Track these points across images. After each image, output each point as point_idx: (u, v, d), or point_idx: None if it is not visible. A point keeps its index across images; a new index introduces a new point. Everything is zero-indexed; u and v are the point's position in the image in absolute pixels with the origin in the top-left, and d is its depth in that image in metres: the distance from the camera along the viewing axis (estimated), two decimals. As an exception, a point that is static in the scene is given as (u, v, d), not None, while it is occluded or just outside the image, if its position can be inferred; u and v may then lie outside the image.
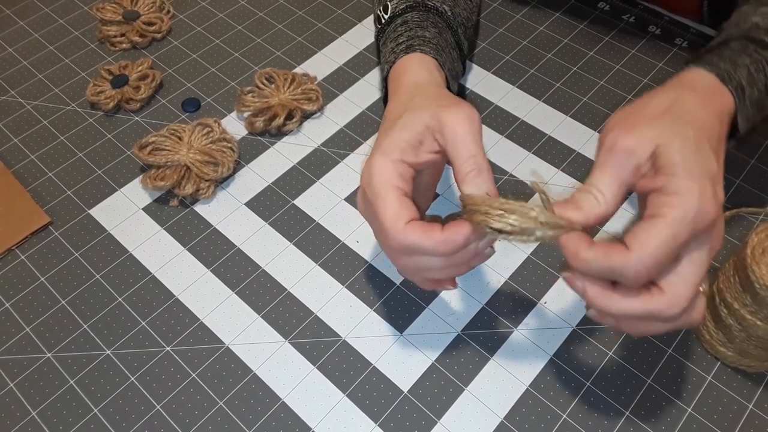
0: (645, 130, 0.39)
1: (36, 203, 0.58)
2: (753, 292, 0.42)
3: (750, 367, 0.48)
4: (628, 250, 0.37)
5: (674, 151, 0.38)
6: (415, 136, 0.42)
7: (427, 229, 0.40)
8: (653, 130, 0.39)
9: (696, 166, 0.37)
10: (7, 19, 0.74)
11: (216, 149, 0.59)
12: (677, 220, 0.36)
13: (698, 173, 0.37)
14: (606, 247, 0.37)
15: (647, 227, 0.37)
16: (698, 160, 0.38)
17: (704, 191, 0.37)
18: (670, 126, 0.39)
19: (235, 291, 0.53)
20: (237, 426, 0.46)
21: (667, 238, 0.36)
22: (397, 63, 0.52)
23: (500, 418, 0.46)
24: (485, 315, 0.51)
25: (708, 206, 0.37)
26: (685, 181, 0.37)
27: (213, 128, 0.61)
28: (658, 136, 0.38)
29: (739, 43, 0.48)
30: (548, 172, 0.59)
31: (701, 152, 0.38)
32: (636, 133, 0.39)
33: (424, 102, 0.44)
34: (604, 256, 0.37)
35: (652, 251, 0.36)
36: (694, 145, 0.38)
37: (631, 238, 0.37)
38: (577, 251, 0.38)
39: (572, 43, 0.69)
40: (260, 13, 0.74)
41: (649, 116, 0.40)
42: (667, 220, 0.36)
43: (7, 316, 0.52)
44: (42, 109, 0.65)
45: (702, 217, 0.36)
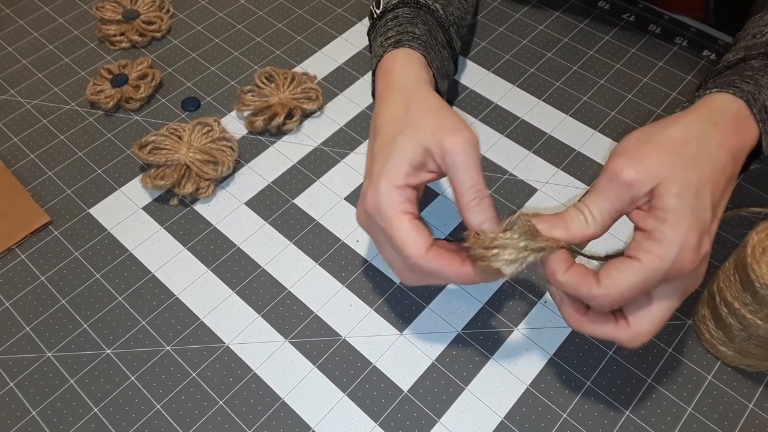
0: (651, 165, 0.39)
1: (36, 202, 0.58)
2: (753, 291, 0.42)
3: (750, 366, 0.48)
4: (598, 285, 0.39)
5: (672, 195, 0.38)
6: (417, 159, 0.43)
7: (448, 259, 0.41)
8: (660, 166, 0.39)
9: (688, 216, 0.38)
10: (6, 18, 0.74)
11: (216, 148, 0.59)
12: (651, 269, 0.38)
13: (687, 225, 0.38)
14: (580, 276, 0.40)
15: (622, 268, 0.38)
16: (693, 210, 0.38)
17: (687, 244, 0.38)
18: (678, 166, 0.39)
19: (235, 290, 0.53)
20: (237, 425, 0.46)
21: (637, 282, 0.38)
22: (384, 57, 0.51)
23: (500, 417, 0.46)
24: (485, 315, 0.51)
25: (686, 260, 0.38)
26: (671, 231, 0.38)
27: (213, 127, 0.61)
28: (662, 174, 0.39)
29: (760, 62, 0.47)
30: (548, 172, 0.59)
31: (699, 201, 0.38)
32: (641, 167, 0.39)
33: (423, 119, 0.44)
34: (575, 285, 0.40)
35: (619, 292, 0.38)
36: (693, 194, 0.38)
37: (603, 274, 0.39)
38: (554, 272, 0.40)
39: (572, 43, 0.69)
40: (260, 12, 0.74)
41: (661, 148, 0.40)
42: (642, 266, 0.38)
43: (7, 316, 0.52)
44: (42, 109, 0.65)
45: (677, 269, 0.38)
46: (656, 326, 0.41)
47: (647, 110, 0.63)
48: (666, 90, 0.65)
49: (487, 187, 0.42)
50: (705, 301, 0.48)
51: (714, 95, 0.44)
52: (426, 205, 0.57)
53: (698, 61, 0.67)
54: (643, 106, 0.64)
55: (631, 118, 0.63)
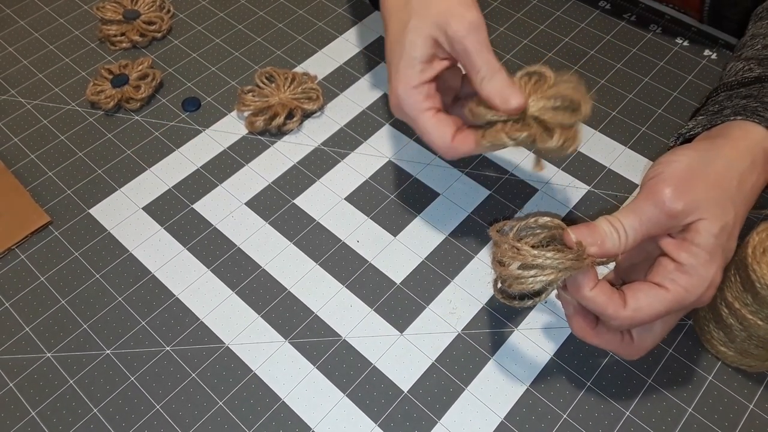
0: (697, 200, 0.39)
1: (36, 203, 0.58)
2: (754, 291, 0.42)
3: (751, 366, 0.47)
4: (624, 307, 0.39)
5: (711, 236, 0.39)
6: (427, 53, 0.44)
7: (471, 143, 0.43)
8: (705, 202, 0.39)
9: (720, 257, 0.39)
10: (7, 19, 0.74)
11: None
12: (677, 299, 0.39)
13: (717, 266, 0.39)
14: (607, 295, 0.39)
15: (650, 294, 0.39)
16: (724, 250, 0.39)
17: (713, 282, 0.39)
18: (720, 205, 0.39)
19: (235, 290, 0.53)
20: (237, 426, 0.46)
21: (660, 310, 0.39)
22: None
23: (500, 418, 0.46)
24: (485, 315, 0.51)
25: (709, 295, 0.39)
26: (704, 270, 0.39)
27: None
28: (706, 211, 0.39)
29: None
30: (549, 172, 0.59)
31: (729, 242, 0.40)
32: (689, 200, 0.39)
33: (425, 7, 0.44)
34: (602, 304, 0.39)
35: (644, 317, 0.39)
36: (728, 234, 0.39)
37: (631, 296, 0.39)
38: (582, 286, 0.40)
39: (573, 42, 0.69)
40: (260, 12, 0.74)
41: (707, 182, 0.40)
42: (669, 296, 0.39)
43: (7, 316, 0.52)
44: (42, 109, 0.65)
45: (697, 302, 0.39)
46: (657, 342, 0.43)
47: (648, 110, 0.63)
48: (667, 90, 0.65)
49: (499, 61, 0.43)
50: (705, 302, 0.48)
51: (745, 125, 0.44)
52: (426, 205, 0.57)
53: (699, 61, 0.67)
54: (643, 106, 0.64)
55: (631, 118, 0.63)
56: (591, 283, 0.39)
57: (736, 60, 0.52)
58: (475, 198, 0.57)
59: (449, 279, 0.53)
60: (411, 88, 0.44)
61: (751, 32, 0.53)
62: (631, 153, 0.60)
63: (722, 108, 0.46)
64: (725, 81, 0.49)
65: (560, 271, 0.38)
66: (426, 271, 0.53)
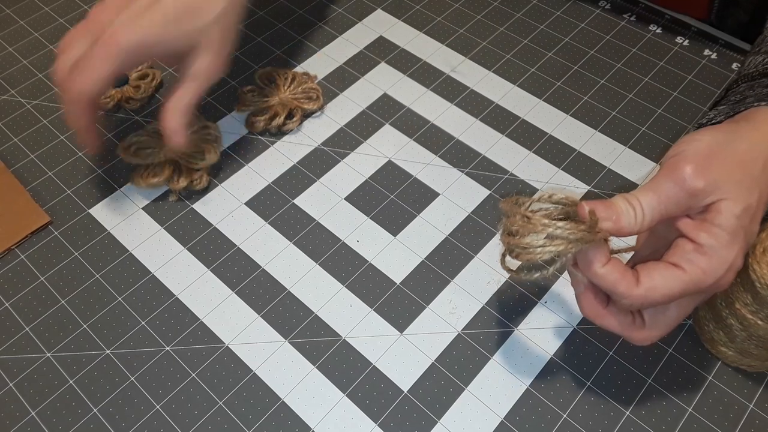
0: (720, 179, 0.38)
1: (36, 202, 0.58)
2: (754, 291, 0.42)
3: (751, 366, 0.47)
4: (637, 285, 0.38)
5: (733, 216, 0.37)
6: None
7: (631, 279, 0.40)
8: (727, 182, 0.38)
9: (742, 238, 0.38)
10: (7, 18, 0.74)
11: (198, 138, 0.59)
12: (693, 281, 0.37)
13: (739, 247, 0.38)
14: (619, 272, 0.38)
15: (665, 275, 0.38)
16: (746, 233, 0.38)
17: (733, 265, 0.38)
18: (743, 186, 0.38)
19: (235, 290, 0.53)
20: (237, 426, 0.46)
21: (676, 291, 0.38)
22: None
23: (500, 418, 0.46)
24: (485, 315, 0.51)
25: (728, 279, 0.38)
26: (725, 251, 0.37)
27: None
28: (728, 191, 0.38)
29: None
30: (549, 171, 0.59)
31: (753, 224, 0.38)
32: (710, 179, 0.38)
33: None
34: (614, 281, 0.38)
35: (658, 297, 0.38)
36: (751, 216, 0.38)
37: (645, 274, 0.38)
38: (593, 262, 0.38)
39: (573, 42, 0.69)
40: (260, 12, 0.74)
41: (730, 162, 0.39)
42: (686, 276, 0.37)
43: (7, 316, 0.52)
44: (42, 109, 0.65)
45: (715, 285, 0.38)
46: (669, 329, 0.41)
47: (648, 110, 0.63)
48: (667, 90, 0.65)
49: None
50: (705, 302, 0.48)
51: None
52: (426, 205, 0.57)
53: (699, 60, 0.67)
54: (643, 105, 0.64)
55: (631, 117, 0.63)
56: (603, 259, 0.38)
57: (755, 54, 0.51)
58: (475, 198, 0.57)
59: (449, 279, 0.53)
60: None
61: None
62: (631, 153, 0.60)
63: (744, 97, 0.45)
64: (745, 72, 0.48)
65: (570, 243, 0.37)
66: (426, 271, 0.53)
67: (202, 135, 0.60)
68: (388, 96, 0.65)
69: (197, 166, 0.58)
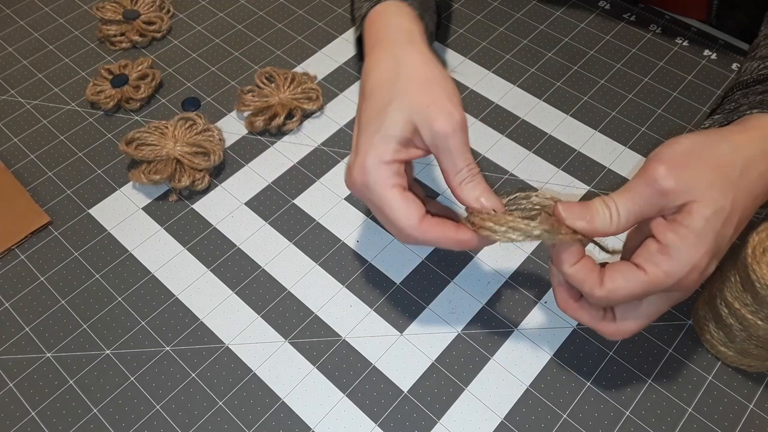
0: (691, 180, 0.38)
1: (36, 203, 0.57)
2: (754, 291, 0.42)
3: (751, 366, 0.47)
4: (601, 286, 0.39)
5: (702, 218, 0.37)
6: (405, 136, 0.42)
7: (442, 228, 0.42)
8: (699, 183, 0.38)
9: (709, 241, 0.38)
10: (7, 19, 0.74)
11: (203, 139, 0.59)
12: (654, 282, 0.38)
13: (704, 249, 0.38)
14: (586, 272, 0.40)
15: (627, 276, 0.39)
16: (716, 236, 0.38)
17: (697, 266, 0.38)
18: (716, 188, 0.38)
19: (234, 291, 0.53)
20: (237, 426, 0.46)
21: (636, 292, 0.39)
22: (374, 10, 0.50)
23: (500, 418, 0.46)
24: (485, 315, 0.51)
25: (691, 279, 0.38)
26: (687, 252, 0.38)
27: (195, 121, 0.61)
28: (699, 193, 0.38)
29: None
30: (548, 172, 0.59)
31: (724, 228, 0.38)
32: (681, 180, 0.38)
33: (413, 92, 0.43)
34: (580, 280, 0.40)
35: (619, 297, 0.39)
36: (722, 220, 0.38)
37: (608, 276, 0.39)
38: (563, 262, 0.40)
39: (573, 42, 0.69)
40: (260, 12, 0.74)
41: (705, 164, 0.39)
42: (647, 278, 0.38)
43: (7, 316, 0.52)
44: (42, 109, 0.65)
45: (679, 286, 0.39)
46: (641, 326, 0.42)
47: (648, 110, 0.63)
48: (667, 90, 0.65)
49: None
50: (705, 302, 0.48)
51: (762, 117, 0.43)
52: (426, 205, 0.57)
53: (699, 61, 0.67)
54: (643, 106, 0.64)
55: (631, 118, 0.63)
56: (573, 259, 0.40)
57: (751, 60, 0.51)
58: (475, 198, 0.57)
59: (449, 279, 0.53)
60: (382, 162, 0.41)
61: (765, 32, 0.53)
62: (631, 153, 0.60)
63: (738, 105, 0.46)
64: (741, 80, 0.49)
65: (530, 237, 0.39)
66: (426, 271, 0.53)
67: (206, 136, 0.60)
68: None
69: (200, 167, 0.58)
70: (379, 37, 0.48)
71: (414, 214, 0.41)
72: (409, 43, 0.46)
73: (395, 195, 0.41)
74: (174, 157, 0.58)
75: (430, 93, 0.42)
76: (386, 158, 0.42)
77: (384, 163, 0.42)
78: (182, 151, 0.58)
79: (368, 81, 0.45)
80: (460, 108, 0.42)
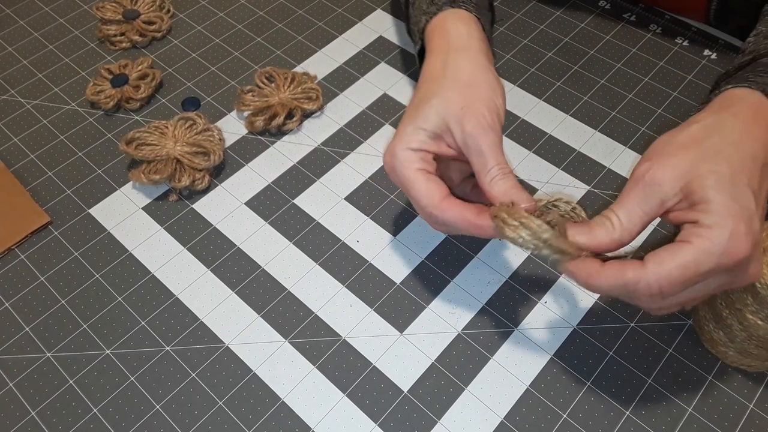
0: (677, 164, 0.39)
1: (36, 203, 0.58)
2: (754, 291, 0.42)
3: (751, 366, 0.47)
4: (644, 265, 0.37)
5: (708, 188, 0.37)
6: (435, 132, 0.45)
7: (462, 210, 0.43)
8: (686, 163, 0.38)
9: (731, 203, 0.37)
10: (7, 19, 0.74)
11: (203, 139, 0.59)
12: (702, 250, 0.37)
13: (733, 212, 0.37)
14: (620, 264, 0.38)
15: (672, 249, 0.37)
16: (734, 197, 0.37)
17: (737, 229, 0.37)
18: (705, 160, 0.38)
19: (235, 290, 0.53)
20: (237, 426, 0.46)
21: (687, 263, 0.37)
22: (439, 15, 0.52)
23: (500, 418, 0.46)
24: (485, 315, 0.51)
25: (738, 245, 0.37)
26: (719, 218, 0.37)
27: (196, 121, 0.61)
28: (690, 171, 0.38)
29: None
30: (548, 171, 0.59)
31: (737, 188, 0.38)
32: (666, 168, 0.39)
33: (452, 92, 0.45)
34: (618, 273, 0.38)
35: (669, 271, 0.37)
36: (729, 183, 0.38)
37: (652, 255, 0.38)
38: (588, 278, 0.39)
39: (573, 42, 0.69)
40: (260, 12, 0.74)
41: (683, 146, 0.40)
42: (693, 247, 0.37)
43: (7, 316, 0.52)
44: (42, 109, 0.65)
45: (730, 255, 0.37)
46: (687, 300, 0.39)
47: (648, 110, 0.63)
48: (667, 90, 0.65)
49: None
50: (706, 302, 0.48)
51: (729, 91, 0.44)
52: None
53: (699, 60, 0.67)
54: (643, 106, 0.64)
55: (631, 118, 0.63)
56: (596, 266, 0.39)
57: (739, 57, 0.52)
58: (475, 198, 0.57)
59: (449, 279, 0.53)
60: (408, 149, 0.45)
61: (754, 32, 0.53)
62: (631, 153, 0.60)
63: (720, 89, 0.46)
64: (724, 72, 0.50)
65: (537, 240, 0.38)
66: (426, 271, 0.53)
67: (206, 136, 0.60)
68: (388, 96, 0.65)
69: (200, 167, 0.58)
70: (438, 45, 0.50)
71: (435, 194, 0.43)
72: (464, 48, 0.49)
73: (419, 176, 0.44)
74: (174, 157, 0.58)
75: (468, 97, 0.45)
76: (413, 146, 0.45)
77: (410, 150, 0.45)
78: (182, 151, 0.58)
79: (420, 78, 0.49)
80: (496, 113, 0.45)
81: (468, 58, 0.48)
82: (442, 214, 0.43)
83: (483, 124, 0.43)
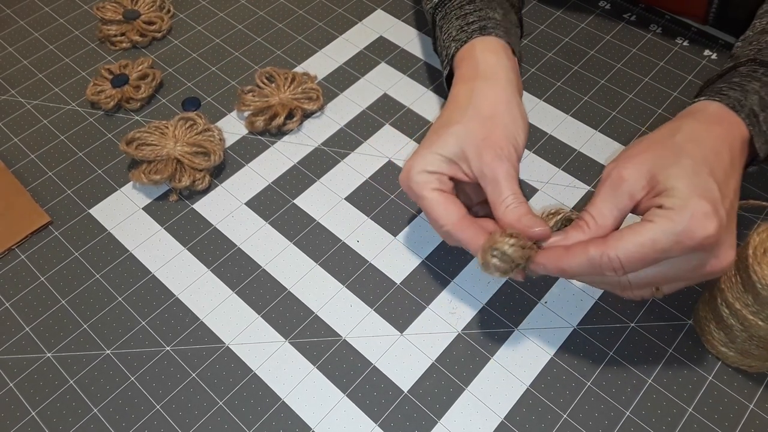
0: (641, 159, 0.41)
1: (36, 203, 0.58)
2: (755, 292, 0.42)
3: (751, 367, 0.47)
4: (605, 241, 0.39)
5: (671, 177, 0.40)
6: (452, 157, 0.46)
7: (475, 231, 0.44)
8: (648, 159, 0.41)
9: (693, 188, 0.39)
10: (7, 19, 0.74)
11: (203, 139, 0.59)
12: (662, 228, 0.38)
13: (695, 195, 0.39)
14: (583, 243, 0.40)
15: (633, 227, 0.39)
16: (695, 183, 0.39)
17: (698, 210, 0.38)
18: (667, 156, 0.41)
19: (235, 291, 0.53)
20: (237, 426, 0.46)
21: (646, 240, 0.39)
22: (469, 43, 0.52)
23: (500, 418, 0.46)
24: (485, 315, 0.51)
25: (699, 225, 0.38)
26: (680, 201, 0.39)
27: (196, 121, 0.61)
28: (653, 166, 0.41)
29: (747, 68, 0.48)
30: (549, 172, 0.59)
31: (699, 177, 0.40)
32: (631, 164, 0.41)
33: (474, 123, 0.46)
34: (581, 250, 0.40)
35: (628, 246, 0.39)
36: (692, 173, 0.40)
37: (613, 233, 0.40)
38: (557, 260, 0.41)
39: (573, 42, 0.69)
40: (260, 12, 0.74)
41: (647, 145, 0.42)
42: (653, 225, 0.39)
43: (7, 316, 0.52)
44: (42, 109, 0.65)
45: (691, 234, 0.38)
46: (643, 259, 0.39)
47: (648, 110, 0.63)
48: (667, 90, 0.65)
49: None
50: (706, 302, 0.48)
51: (697, 104, 0.46)
52: (426, 205, 0.57)
53: (699, 61, 0.67)
54: (643, 106, 0.64)
55: (631, 118, 0.63)
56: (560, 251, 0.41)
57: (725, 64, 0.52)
58: (475, 198, 0.57)
59: (449, 279, 0.53)
60: (425, 171, 0.45)
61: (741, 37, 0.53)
62: (631, 153, 0.60)
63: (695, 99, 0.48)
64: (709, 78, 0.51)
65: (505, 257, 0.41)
66: (426, 271, 0.53)
67: (206, 136, 0.60)
68: (388, 96, 0.65)
69: (201, 167, 0.58)
70: (465, 73, 0.51)
71: (453, 213, 0.44)
72: (491, 78, 0.49)
73: (435, 196, 0.45)
74: (174, 157, 0.58)
75: (488, 128, 0.46)
76: (429, 169, 0.46)
77: (426, 172, 0.45)
78: (182, 151, 0.58)
79: (446, 103, 0.50)
80: (514, 147, 0.45)
81: (494, 89, 0.48)
82: (461, 234, 0.44)
83: (500, 155, 0.44)
